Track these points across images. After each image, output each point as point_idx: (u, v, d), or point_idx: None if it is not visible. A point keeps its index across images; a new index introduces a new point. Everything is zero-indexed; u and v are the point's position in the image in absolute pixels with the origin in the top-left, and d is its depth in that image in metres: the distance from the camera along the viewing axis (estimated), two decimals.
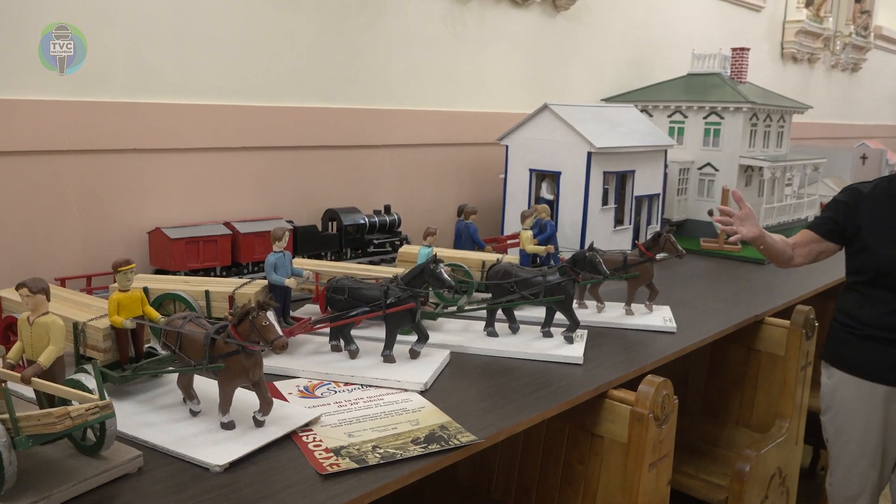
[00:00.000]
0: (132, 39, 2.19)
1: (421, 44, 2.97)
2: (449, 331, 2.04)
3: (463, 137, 3.17)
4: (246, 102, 2.47)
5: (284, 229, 1.79)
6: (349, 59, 2.74)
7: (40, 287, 1.28)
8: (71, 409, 1.09)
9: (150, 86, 2.25)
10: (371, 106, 2.83)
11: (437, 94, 3.07)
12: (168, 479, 1.25)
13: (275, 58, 2.53)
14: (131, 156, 2.24)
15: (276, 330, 1.32)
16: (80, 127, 2.12)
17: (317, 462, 1.31)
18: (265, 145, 2.54)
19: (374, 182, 2.89)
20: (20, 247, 2.05)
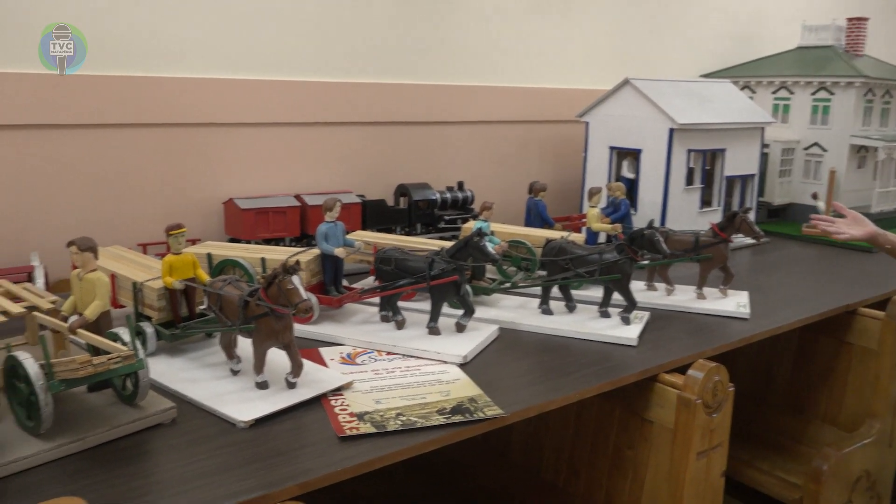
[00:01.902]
0: (210, 18, 2.29)
1: (501, 17, 2.93)
2: (504, 307, 2.02)
3: (542, 114, 3.11)
4: (321, 78, 2.53)
5: (336, 199, 1.83)
6: (425, 34, 2.74)
7: (88, 245, 1.36)
8: (94, 358, 1.16)
9: (228, 62, 2.35)
10: (447, 82, 2.82)
11: (515, 70, 3.02)
12: (196, 431, 1.31)
13: (350, 33, 2.57)
14: (210, 129, 2.35)
15: (300, 293, 1.35)
16: (163, 101, 2.24)
17: (338, 425, 1.33)
18: (339, 120, 2.59)
19: (449, 159, 2.89)
20: (108, 213, 2.20)
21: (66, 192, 2.14)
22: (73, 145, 2.14)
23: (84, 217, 2.16)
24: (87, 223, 2.14)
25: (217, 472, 1.17)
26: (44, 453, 1.18)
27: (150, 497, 1.10)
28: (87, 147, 2.16)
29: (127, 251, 1.89)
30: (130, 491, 1.12)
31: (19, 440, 1.20)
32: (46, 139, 2.10)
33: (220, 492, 1.12)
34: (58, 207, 2.13)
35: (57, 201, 2.13)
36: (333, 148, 2.60)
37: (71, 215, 2.14)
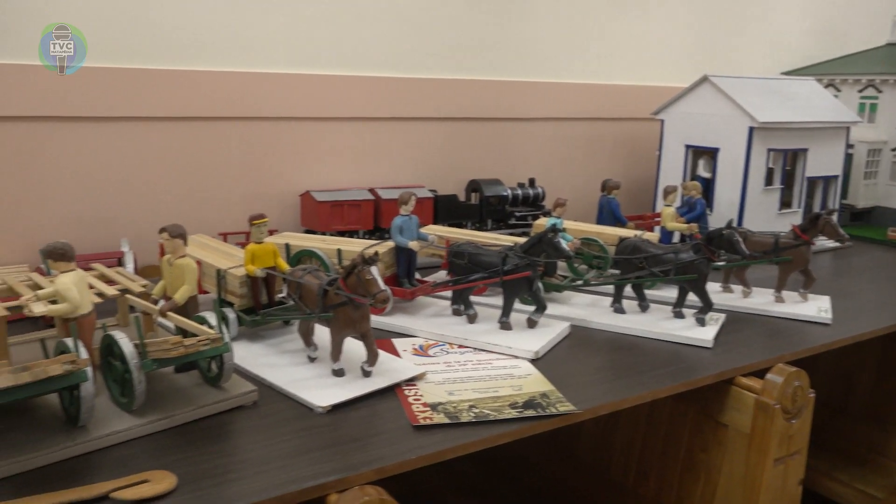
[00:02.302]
0: (291, 15, 2.35)
1: (575, 13, 2.91)
2: (575, 304, 2.01)
3: (616, 111, 3.07)
4: (396, 74, 2.56)
5: (411, 193, 1.85)
6: (499, 30, 2.75)
7: (178, 232, 1.43)
8: (185, 339, 1.22)
9: (308, 58, 2.41)
10: (520, 78, 2.82)
11: (589, 67, 2.99)
12: (276, 414, 1.35)
13: (424, 30, 2.60)
14: (289, 123, 2.41)
15: (378, 284, 1.37)
16: (246, 96, 2.31)
17: (412, 414, 1.36)
18: (413, 116, 2.62)
19: (520, 155, 2.89)
20: (192, 202, 2.29)
21: (153, 182, 2.24)
22: (161, 137, 2.23)
23: (170, 206, 2.25)
24: (172, 212, 2.23)
25: (297, 454, 1.21)
26: (136, 428, 1.24)
27: (234, 475, 1.14)
28: (173, 139, 2.25)
29: (210, 239, 1.96)
30: (216, 468, 1.16)
31: (114, 415, 1.26)
32: (136, 131, 2.19)
33: (300, 473, 1.15)
34: (146, 196, 2.23)
35: (145, 190, 2.23)
36: (407, 143, 2.64)
37: (158, 204, 2.24)
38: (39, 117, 2.05)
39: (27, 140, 2.05)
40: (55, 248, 1.26)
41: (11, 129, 2.03)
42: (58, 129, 2.09)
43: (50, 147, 2.08)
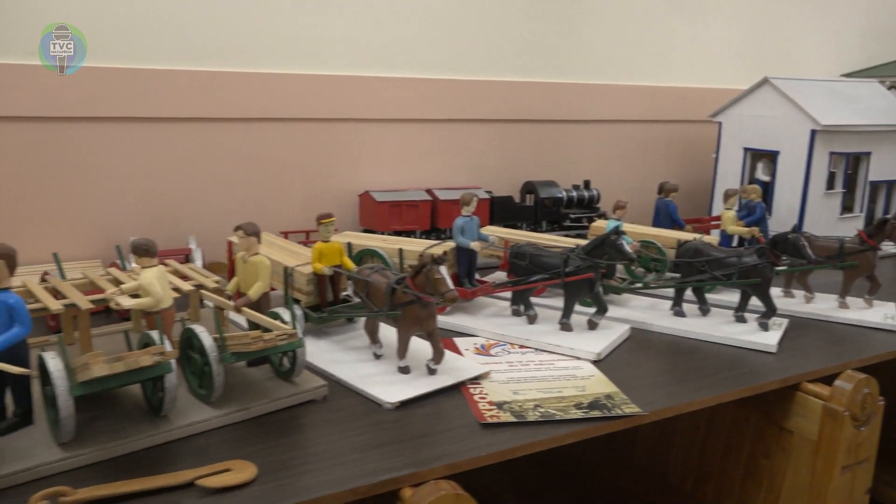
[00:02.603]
0: (350, 18, 2.40)
1: (631, 14, 2.90)
2: (634, 307, 2.01)
3: (671, 114, 3.05)
4: (453, 76, 2.59)
5: (473, 194, 1.87)
6: (555, 32, 2.75)
7: (253, 230, 1.47)
8: (264, 334, 1.25)
9: (368, 61, 2.45)
10: (576, 80, 2.82)
11: (645, 68, 2.98)
12: (347, 409, 1.38)
13: (480, 32, 2.62)
14: (348, 124, 2.45)
15: (447, 283, 1.40)
16: (307, 98, 2.36)
17: (479, 412, 1.38)
18: (469, 118, 2.64)
19: (576, 157, 2.89)
20: (253, 201, 2.35)
21: (218, 182, 2.30)
22: (227, 138, 2.29)
23: (233, 205, 2.31)
24: (236, 211, 2.28)
25: (368, 447, 1.24)
26: (214, 419, 1.28)
27: (310, 466, 1.17)
28: (238, 140, 2.30)
29: (276, 238, 2.01)
30: (292, 459, 1.20)
31: (192, 406, 1.31)
32: (204, 132, 2.25)
33: (373, 466, 1.18)
34: (211, 195, 2.29)
35: (211, 190, 2.29)
36: (463, 144, 2.66)
37: (222, 203, 2.30)
38: (112, 118, 2.13)
39: (100, 140, 2.13)
40: (140, 244, 1.31)
41: (84, 129, 2.10)
42: (130, 129, 2.16)
43: (122, 147, 2.16)
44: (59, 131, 2.07)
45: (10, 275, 1.17)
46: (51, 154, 2.08)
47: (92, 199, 2.15)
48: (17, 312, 1.15)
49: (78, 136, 2.10)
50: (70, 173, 2.11)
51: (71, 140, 2.09)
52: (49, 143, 2.07)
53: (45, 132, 2.06)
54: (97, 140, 2.12)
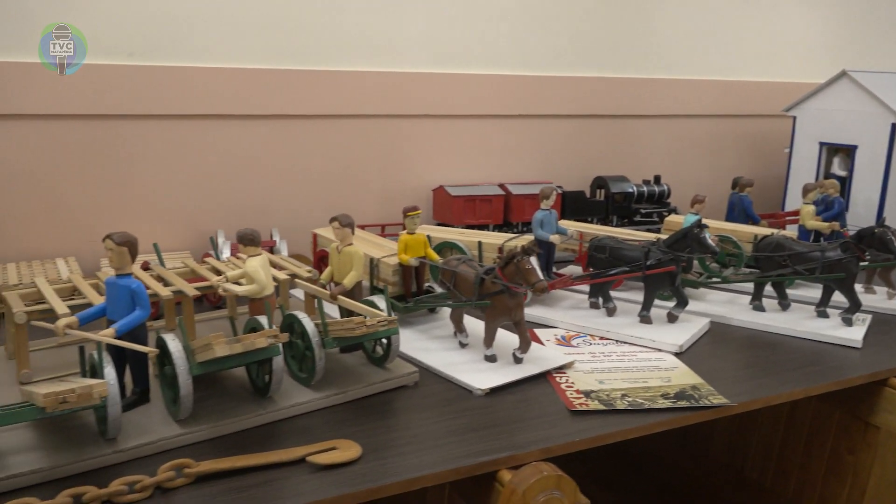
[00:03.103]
0: (425, 16, 2.44)
1: (703, 8, 2.88)
2: (712, 301, 2.01)
3: (743, 108, 3.02)
4: (523, 72, 2.62)
5: (552, 188, 1.90)
6: (626, 27, 2.76)
7: (348, 222, 1.53)
8: (366, 319, 1.31)
9: (442, 58, 2.49)
10: (647, 75, 2.82)
11: (717, 63, 2.95)
12: (438, 395, 1.43)
13: (552, 28, 2.64)
14: (423, 120, 2.50)
15: (537, 273, 1.43)
16: (383, 94, 2.42)
17: (567, 400, 1.41)
18: (540, 113, 2.67)
19: (646, 152, 2.88)
20: (332, 195, 2.42)
21: (300, 176, 2.37)
22: (307, 134, 2.36)
23: (314, 199, 2.38)
24: (317, 204, 2.36)
25: (464, 431, 1.28)
26: (315, 401, 1.34)
27: (411, 447, 1.22)
28: (318, 136, 2.38)
29: (358, 230, 2.07)
30: (391, 440, 1.25)
31: (293, 389, 1.37)
32: (286, 128, 2.33)
33: (471, 449, 1.22)
34: (293, 189, 2.37)
35: (292, 184, 2.37)
36: (534, 139, 2.69)
37: (303, 197, 2.38)
38: (202, 116, 2.22)
39: (189, 136, 2.22)
40: (246, 234, 1.38)
41: (174, 126, 2.20)
42: (218, 126, 2.25)
43: (209, 143, 2.25)
44: (153, 128, 2.17)
45: (132, 262, 1.24)
46: (142, 149, 2.18)
47: (181, 193, 2.25)
48: (139, 297, 1.23)
49: (167, 132, 2.20)
50: (160, 168, 2.21)
51: (160, 136, 2.19)
52: (141, 139, 2.17)
53: (140, 128, 2.16)
54: (186, 136, 2.22)
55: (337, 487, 1.10)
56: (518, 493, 1.11)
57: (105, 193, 2.16)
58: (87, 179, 2.13)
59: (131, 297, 1.23)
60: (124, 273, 1.24)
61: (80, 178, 2.12)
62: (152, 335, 1.29)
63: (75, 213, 2.13)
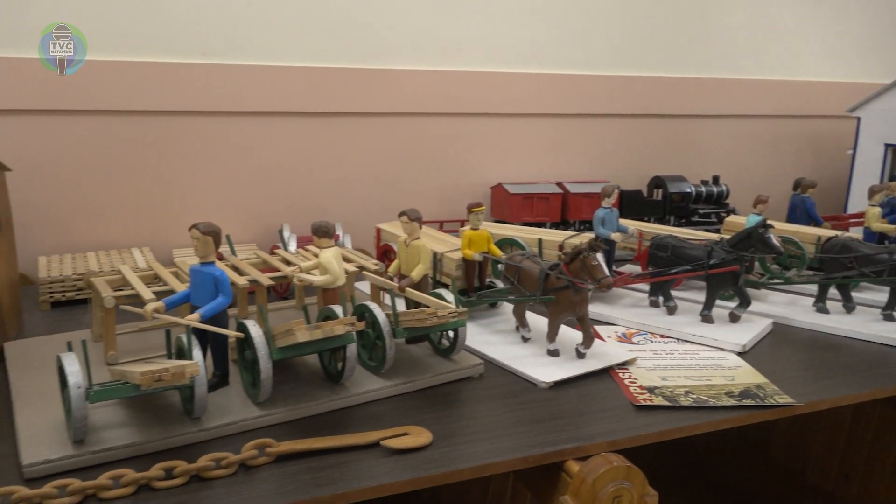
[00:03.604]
0: (485, 16, 2.48)
1: (765, 7, 2.85)
2: (773, 302, 2.00)
3: (805, 108, 2.98)
4: (581, 71, 2.63)
5: (614, 187, 1.91)
6: (685, 26, 2.75)
7: (416, 216, 1.57)
8: (437, 311, 1.34)
9: (500, 57, 2.52)
10: (705, 75, 2.81)
11: (778, 62, 2.92)
12: (502, 387, 1.46)
13: (611, 28, 2.64)
14: (482, 119, 2.54)
15: (603, 269, 1.45)
16: (442, 93, 2.46)
17: (631, 395, 1.42)
18: (599, 112, 2.68)
19: (705, 152, 2.87)
20: (393, 192, 2.47)
21: (361, 173, 2.43)
22: (369, 132, 2.42)
23: (375, 195, 2.44)
24: (377, 200, 2.42)
25: (530, 422, 1.31)
26: (385, 389, 1.38)
27: (480, 436, 1.26)
28: (380, 133, 2.43)
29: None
30: (461, 429, 1.28)
31: (364, 377, 1.41)
32: (348, 126, 2.39)
33: (538, 439, 1.25)
34: (354, 185, 2.43)
35: (354, 180, 2.42)
36: (592, 138, 2.70)
37: (365, 192, 2.43)
38: (269, 112, 2.29)
39: (255, 132, 2.30)
40: (321, 226, 1.43)
41: (244, 123, 2.27)
42: (283, 122, 2.32)
43: (274, 139, 2.32)
44: (222, 124, 2.25)
45: (216, 251, 1.30)
46: (211, 145, 2.26)
47: (248, 188, 2.32)
48: (222, 284, 1.29)
49: (236, 128, 2.27)
50: (228, 163, 2.29)
51: (229, 132, 2.27)
52: (210, 136, 2.25)
53: (210, 125, 2.24)
54: (253, 132, 2.29)
55: (410, 471, 1.14)
56: (588, 483, 1.14)
57: (176, 187, 2.24)
58: (160, 174, 2.22)
59: (215, 284, 1.29)
60: (208, 261, 1.30)
61: (154, 173, 2.21)
62: (231, 322, 1.35)
63: (149, 206, 2.22)
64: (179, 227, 2.22)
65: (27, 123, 2.06)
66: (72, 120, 2.09)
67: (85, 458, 1.11)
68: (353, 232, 2.30)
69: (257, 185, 2.33)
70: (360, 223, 2.32)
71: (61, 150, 2.11)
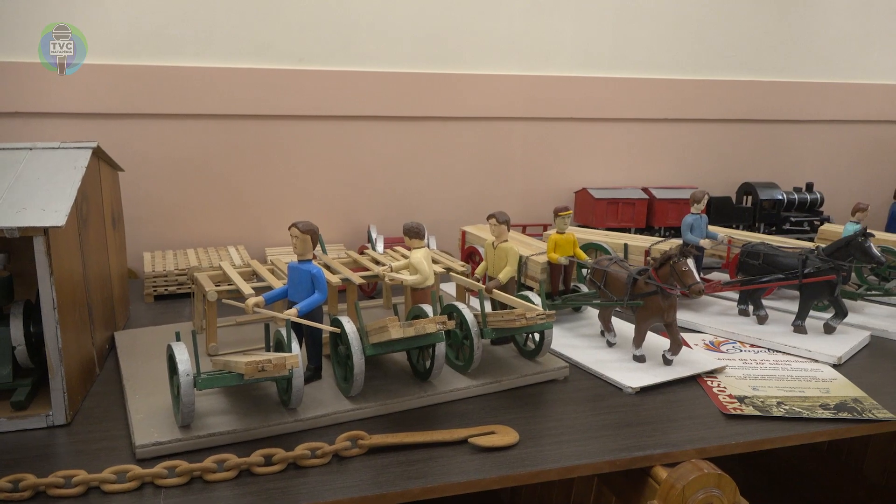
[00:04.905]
0: (573, 21, 2.47)
1: (866, 7, 2.74)
2: (871, 314, 1.92)
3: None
4: (667, 76, 2.59)
5: (704, 192, 1.88)
6: (777, 27, 2.67)
7: (504, 219, 1.58)
8: (526, 312, 1.36)
9: (587, 61, 2.52)
10: (796, 79, 2.72)
11: (880, 65, 2.80)
12: (588, 390, 1.46)
13: (699, 32, 2.60)
14: (566, 123, 2.53)
15: (694, 275, 1.43)
16: (528, 97, 2.47)
17: (720, 403, 1.40)
18: (686, 117, 2.63)
19: (797, 158, 2.78)
20: (477, 195, 2.50)
21: (446, 175, 2.47)
22: (456, 135, 2.46)
23: (460, 197, 2.47)
24: (462, 203, 2.45)
25: (617, 426, 1.31)
26: (472, 388, 1.41)
27: (566, 437, 1.26)
28: (466, 137, 2.46)
29: None
30: (547, 430, 1.29)
31: (450, 376, 1.44)
32: (435, 129, 2.43)
33: (626, 443, 1.25)
34: (440, 187, 2.47)
35: (439, 182, 2.47)
36: (679, 143, 2.65)
37: (450, 195, 2.47)
38: (358, 117, 2.36)
39: (345, 135, 2.37)
40: (412, 227, 1.47)
41: (334, 126, 2.35)
42: (370, 127, 2.38)
43: (363, 142, 2.39)
44: (312, 128, 2.33)
45: (313, 249, 1.36)
46: (303, 148, 2.34)
47: (336, 190, 2.39)
48: (318, 281, 1.34)
49: (326, 132, 2.35)
50: (318, 165, 2.36)
51: (319, 135, 2.35)
52: (302, 139, 2.34)
53: (302, 128, 2.33)
54: (342, 136, 2.37)
55: (497, 469, 1.16)
56: (677, 489, 1.13)
57: (270, 188, 2.33)
58: (256, 175, 2.32)
59: (311, 280, 1.34)
60: (306, 258, 1.36)
61: (251, 174, 2.31)
62: (325, 318, 1.40)
63: (244, 205, 2.32)
64: (273, 227, 2.31)
65: (137, 127, 2.19)
66: (176, 124, 2.21)
67: (192, 441, 1.17)
68: (437, 234, 2.34)
69: (345, 187, 2.40)
70: (445, 225, 2.36)
71: (166, 152, 2.23)
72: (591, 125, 2.55)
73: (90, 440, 1.23)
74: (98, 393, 1.42)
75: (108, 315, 1.64)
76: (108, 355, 1.61)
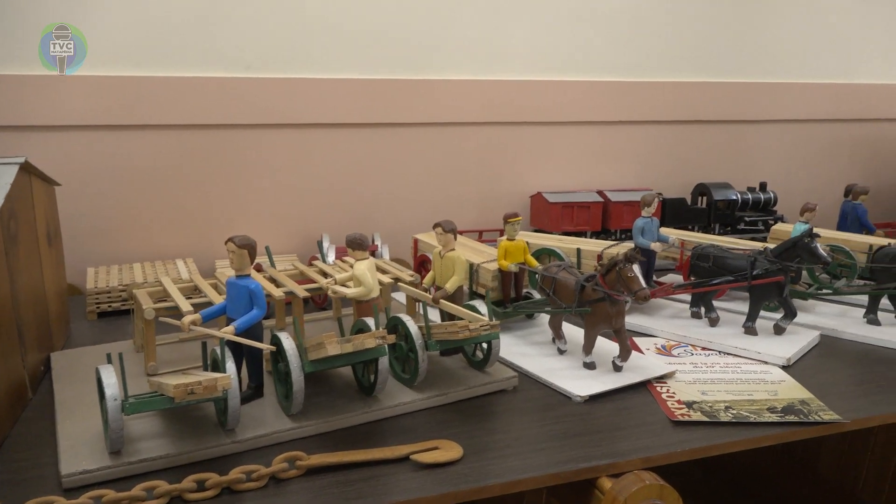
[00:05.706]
0: (526, 26, 2.46)
1: (816, 8, 2.77)
2: (821, 314, 1.93)
3: (859, 112, 2.88)
4: (621, 78, 2.59)
5: (654, 195, 1.88)
6: (729, 29, 2.69)
7: (451, 228, 1.56)
8: (469, 323, 1.34)
9: (539, 65, 2.50)
10: (754, 79, 2.74)
11: (830, 65, 2.83)
12: (537, 400, 1.44)
13: (650, 34, 2.60)
14: (522, 128, 2.52)
15: (640, 281, 1.42)
16: (483, 102, 2.46)
17: (668, 410, 1.39)
18: (641, 119, 2.64)
19: (751, 158, 2.80)
20: (433, 202, 2.48)
21: (400, 183, 2.44)
22: (408, 142, 2.43)
23: (414, 204, 2.45)
24: (416, 210, 2.42)
25: (564, 436, 1.29)
26: (417, 402, 1.38)
27: (511, 451, 1.24)
28: (418, 144, 2.44)
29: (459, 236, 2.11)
30: (493, 442, 1.27)
31: (397, 390, 1.41)
32: (387, 136, 2.40)
33: (571, 454, 1.23)
34: (393, 195, 2.44)
35: (393, 190, 2.44)
36: (633, 145, 2.66)
37: (403, 203, 2.44)
38: (308, 125, 2.32)
39: (294, 144, 2.33)
40: (355, 238, 1.44)
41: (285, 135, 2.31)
42: (322, 135, 2.34)
43: (313, 150, 2.35)
44: (263, 137, 2.29)
45: (251, 263, 1.32)
46: (252, 157, 2.30)
47: (288, 199, 2.35)
48: (257, 296, 1.30)
49: (276, 140, 2.31)
50: (269, 175, 2.32)
51: (270, 144, 2.30)
52: (251, 148, 2.29)
53: (251, 137, 2.28)
54: (293, 144, 2.33)
55: (439, 486, 1.13)
56: (619, 501, 1.12)
57: (220, 199, 2.29)
58: (204, 186, 2.26)
59: (250, 296, 1.30)
60: (244, 274, 1.32)
61: (198, 185, 2.26)
62: (266, 333, 1.37)
63: (193, 217, 2.27)
64: (223, 238, 2.26)
65: (74, 139, 2.13)
66: (117, 135, 2.15)
67: (121, 468, 1.13)
68: (393, 242, 2.31)
69: (299, 196, 2.36)
70: (400, 233, 2.33)
71: (108, 164, 2.17)
72: (547, 129, 2.54)
73: (17, 469, 1.18)
74: (29, 419, 1.36)
75: (43, 335, 1.58)
76: (44, 377, 1.55)
